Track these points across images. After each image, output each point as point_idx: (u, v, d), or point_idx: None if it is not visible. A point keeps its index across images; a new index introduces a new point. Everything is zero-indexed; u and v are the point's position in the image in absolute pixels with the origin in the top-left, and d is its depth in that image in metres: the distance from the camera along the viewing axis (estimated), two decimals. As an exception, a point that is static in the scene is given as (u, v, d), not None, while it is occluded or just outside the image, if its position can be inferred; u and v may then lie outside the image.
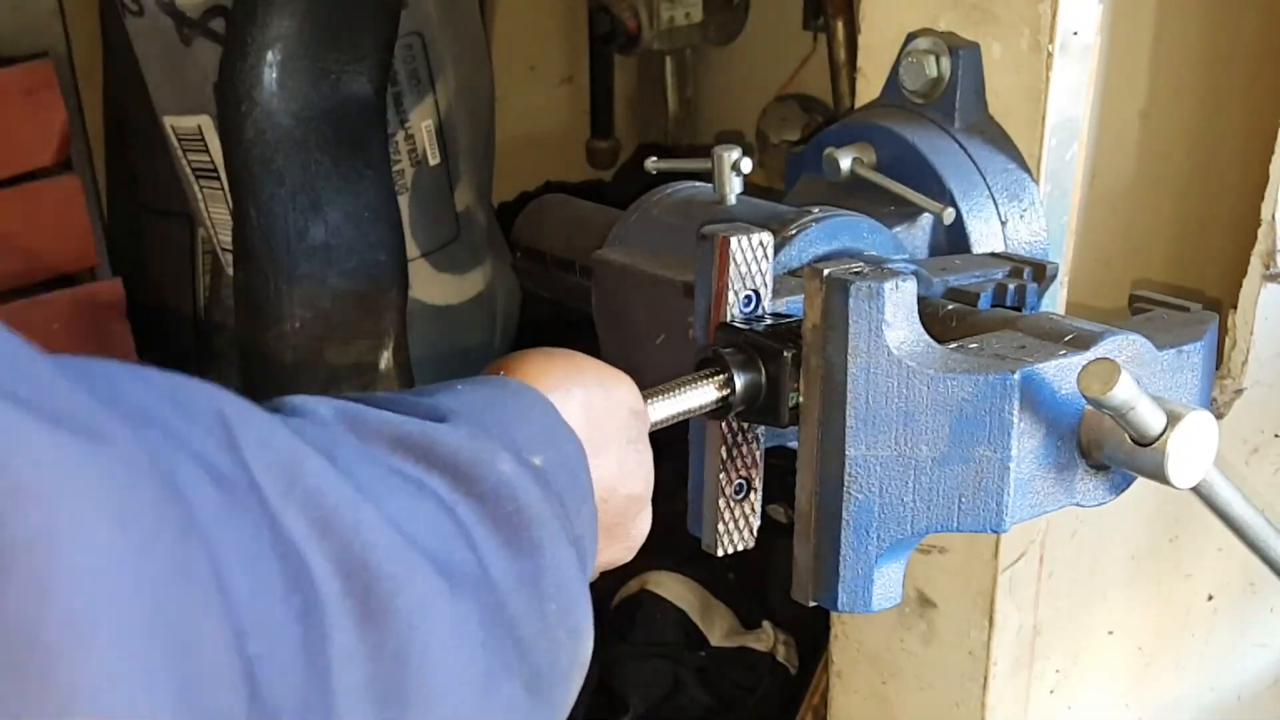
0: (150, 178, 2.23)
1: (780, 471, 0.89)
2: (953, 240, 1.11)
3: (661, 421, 0.82)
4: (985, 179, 1.12)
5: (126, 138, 2.26)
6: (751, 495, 0.88)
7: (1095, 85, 1.17)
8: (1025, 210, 1.14)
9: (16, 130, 1.98)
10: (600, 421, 0.74)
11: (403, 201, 1.89)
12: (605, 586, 2.02)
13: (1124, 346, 0.85)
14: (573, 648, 0.65)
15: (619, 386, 0.77)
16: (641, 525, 0.80)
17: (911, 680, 1.40)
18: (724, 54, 2.72)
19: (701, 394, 0.83)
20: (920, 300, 0.83)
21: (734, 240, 0.84)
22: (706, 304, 0.86)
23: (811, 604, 0.86)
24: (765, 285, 0.86)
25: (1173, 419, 0.79)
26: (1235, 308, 1.35)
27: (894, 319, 0.80)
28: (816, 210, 1.00)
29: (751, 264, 0.85)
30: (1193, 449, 0.80)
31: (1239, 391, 1.38)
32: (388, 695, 0.53)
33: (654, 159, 1.13)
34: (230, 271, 1.67)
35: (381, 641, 0.53)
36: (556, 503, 0.65)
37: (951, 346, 0.84)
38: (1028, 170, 1.14)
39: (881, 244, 1.02)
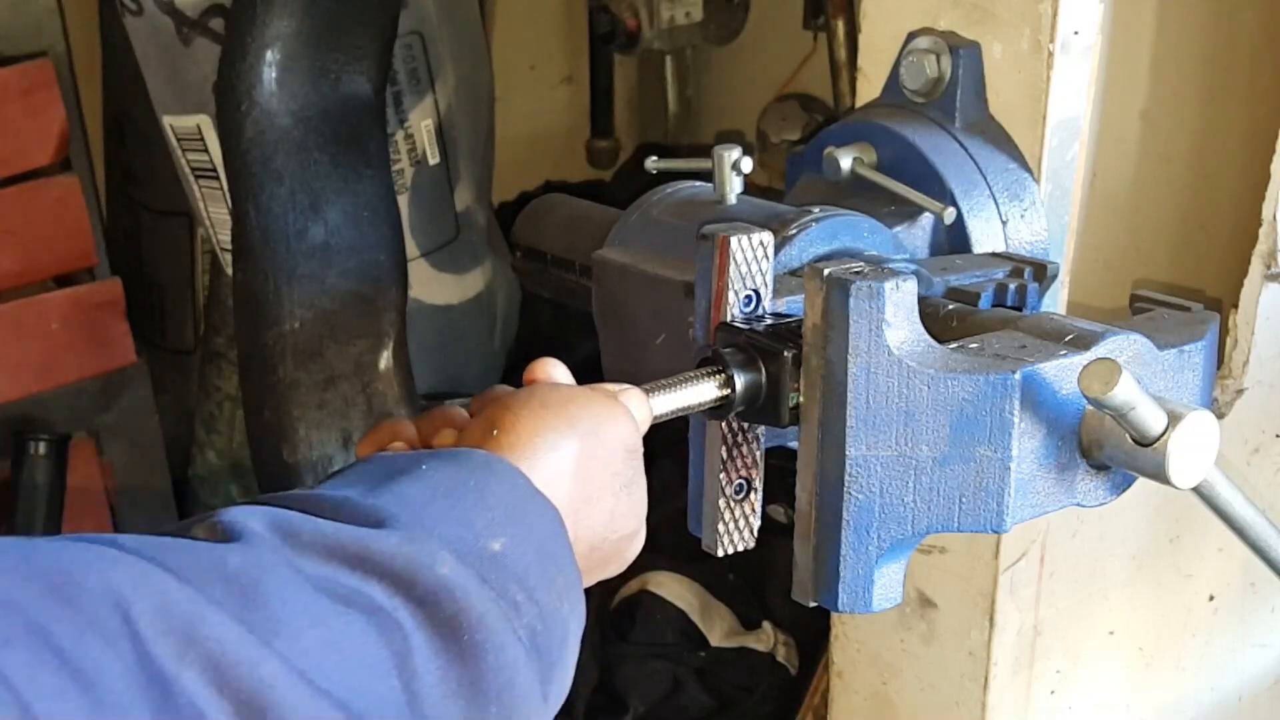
0: (149, 177, 2.23)
1: (780, 471, 0.89)
2: (953, 240, 1.11)
3: (659, 417, 0.82)
4: (986, 178, 1.12)
5: (125, 137, 2.26)
6: (751, 495, 0.88)
7: (1096, 84, 1.17)
8: (1026, 210, 1.13)
9: (15, 130, 1.98)
10: (593, 473, 0.75)
11: (402, 201, 1.89)
12: (605, 587, 2.02)
13: (1125, 346, 0.85)
14: None
15: (615, 426, 0.77)
16: (634, 549, 0.81)
17: (912, 680, 1.40)
18: (724, 54, 2.72)
19: (701, 392, 0.83)
20: (921, 300, 0.83)
21: (734, 240, 0.84)
22: (706, 304, 0.86)
23: (812, 604, 0.86)
24: (765, 285, 0.86)
25: (1174, 419, 0.79)
26: (1236, 307, 1.35)
27: (894, 319, 0.80)
28: (817, 210, 1.00)
29: (752, 264, 0.85)
30: (1194, 449, 0.80)
31: (1240, 391, 1.38)
32: None
33: (654, 159, 1.13)
34: (230, 271, 1.67)
35: None
36: (511, 591, 0.66)
37: (952, 346, 0.84)
38: (1028, 170, 1.14)
39: (882, 244, 1.01)
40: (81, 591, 0.55)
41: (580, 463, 0.75)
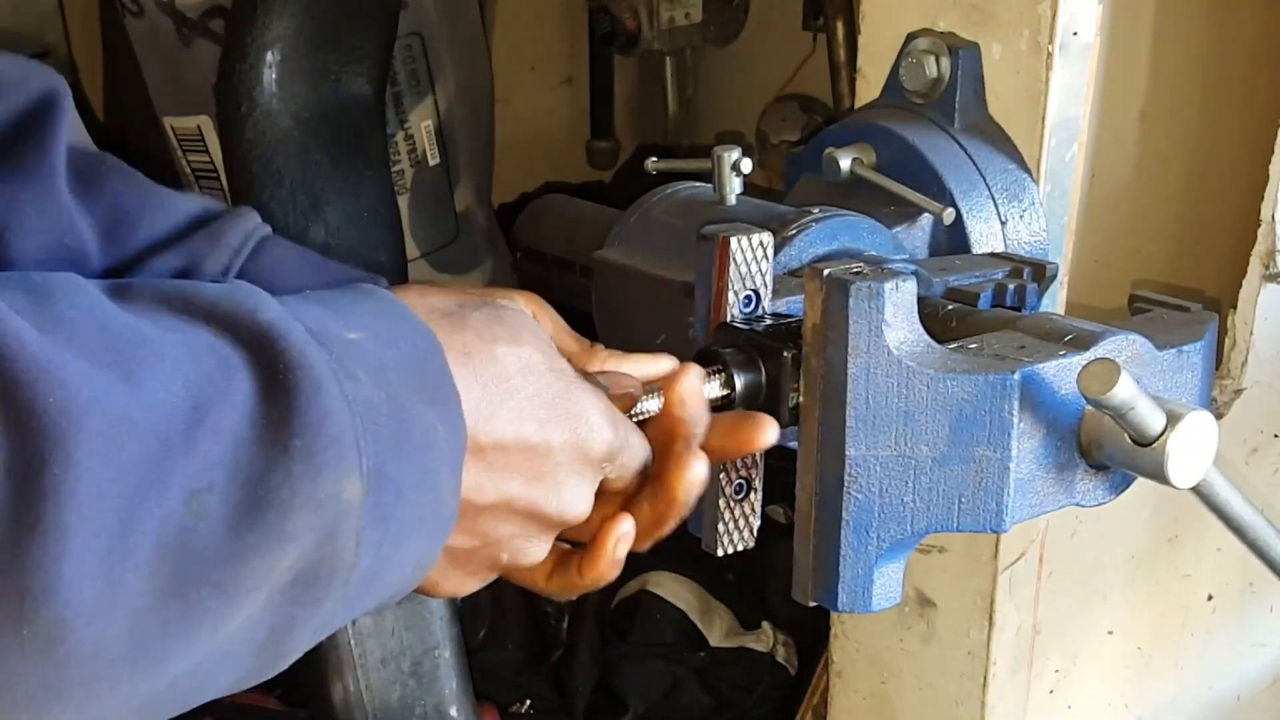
0: (150, 178, 2.23)
1: (780, 471, 0.89)
2: (953, 240, 1.11)
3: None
4: (985, 179, 1.12)
5: (126, 138, 2.26)
6: (751, 495, 0.88)
7: (1095, 85, 1.17)
8: (1025, 210, 1.14)
9: (16, 131, 1.97)
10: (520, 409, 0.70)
11: (403, 202, 1.89)
12: (605, 587, 2.02)
13: (1124, 346, 0.85)
14: (312, 485, 0.58)
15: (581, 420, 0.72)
16: (518, 552, 0.75)
17: (911, 680, 1.40)
18: (724, 54, 2.72)
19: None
20: (920, 300, 0.83)
21: (734, 240, 0.84)
22: (706, 304, 0.86)
23: (812, 604, 0.86)
24: (765, 285, 0.86)
25: (1173, 419, 0.79)
26: (1235, 308, 1.36)
27: (894, 319, 0.80)
28: (816, 210, 1.00)
29: (751, 264, 0.85)
30: (1192, 449, 0.80)
31: (1238, 391, 1.38)
32: (21, 505, 0.50)
33: (654, 159, 1.13)
34: (230, 272, 1.67)
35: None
36: (352, 366, 0.61)
37: (951, 346, 0.84)
38: (1027, 170, 1.14)
39: (881, 244, 1.02)
40: None
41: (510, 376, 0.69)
